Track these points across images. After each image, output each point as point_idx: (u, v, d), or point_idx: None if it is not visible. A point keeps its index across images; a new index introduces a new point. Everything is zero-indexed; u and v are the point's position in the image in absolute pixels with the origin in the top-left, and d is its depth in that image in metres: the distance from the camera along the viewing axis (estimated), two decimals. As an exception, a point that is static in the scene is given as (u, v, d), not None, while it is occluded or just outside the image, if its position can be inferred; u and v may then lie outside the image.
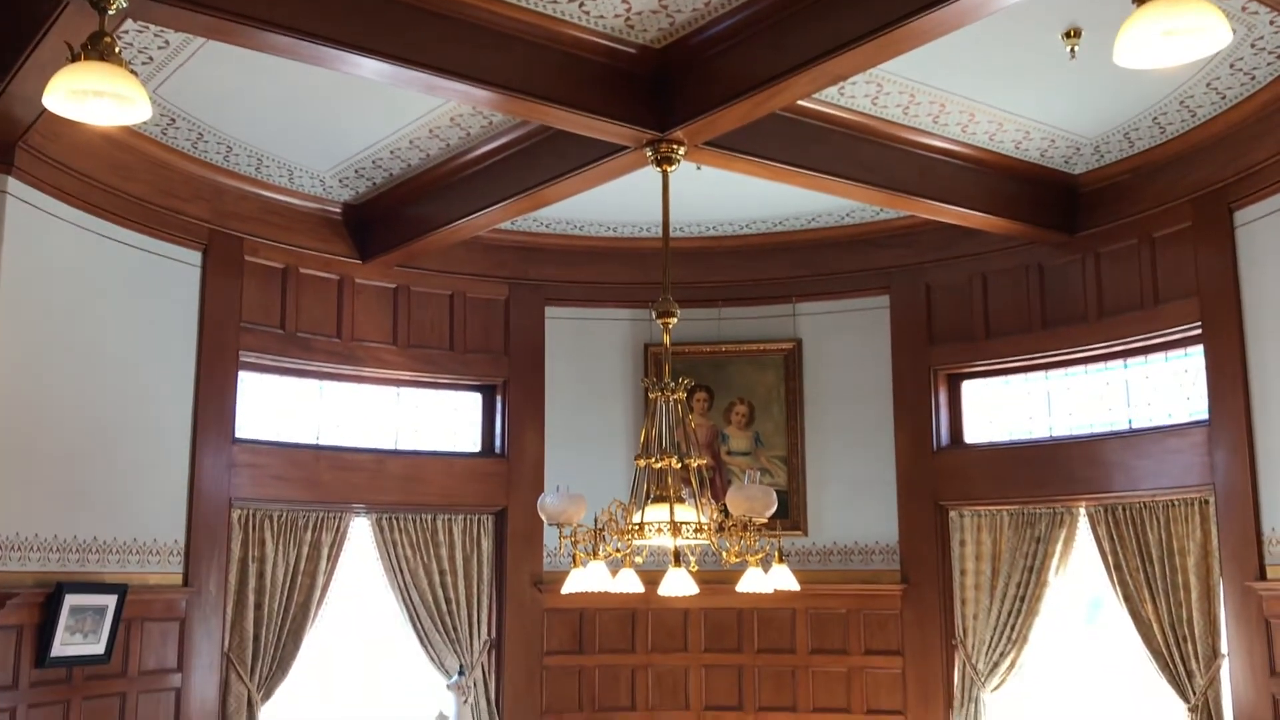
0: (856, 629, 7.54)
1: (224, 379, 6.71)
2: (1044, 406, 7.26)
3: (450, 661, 7.28)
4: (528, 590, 7.63)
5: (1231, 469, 6.04)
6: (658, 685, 7.74)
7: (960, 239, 7.33)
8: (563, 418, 7.90)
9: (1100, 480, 6.70)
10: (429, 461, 7.52)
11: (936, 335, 7.55)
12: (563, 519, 4.86)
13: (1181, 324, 6.41)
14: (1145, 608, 6.43)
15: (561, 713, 7.63)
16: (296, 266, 7.09)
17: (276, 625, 6.74)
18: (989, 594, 7.13)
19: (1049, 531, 6.94)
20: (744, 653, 7.72)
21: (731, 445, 7.94)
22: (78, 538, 5.85)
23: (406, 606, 7.25)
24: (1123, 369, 6.91)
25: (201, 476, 6.52)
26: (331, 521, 7.03)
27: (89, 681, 5.86)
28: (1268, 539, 5.83)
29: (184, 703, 6.34)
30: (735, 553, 4.81)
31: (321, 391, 7.31)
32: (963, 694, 7.11)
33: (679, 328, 5.48)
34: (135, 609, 6.06)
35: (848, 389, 7.79)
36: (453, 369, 7.66)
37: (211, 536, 6.53)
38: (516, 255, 7.82)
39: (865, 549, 7.62)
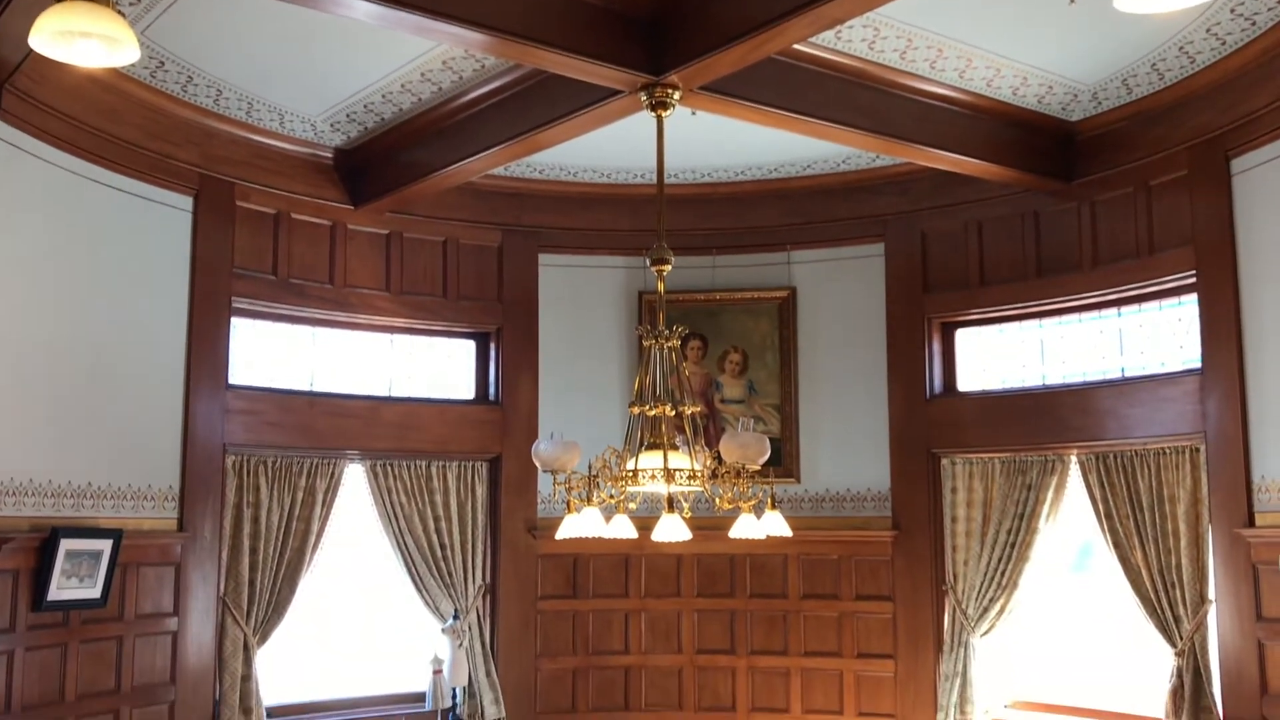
0: (848, 575, 7.61)
1: (216, 325, 6.69)
2: (1037, 355, 7.27)
3: (445, 606, 7.34)
4: (522, 536, 7.68)
5: (1223, 417, 6.07)
6: (651, 629, 7.82)
7: (956, 186, 7.30)
8: (557, 365, 7.90)
9: (1092, 428, 6.73)
10: (423, 409, 7.53)
11: (931, 283, 7.54)
12: (557, 466, 4.88)
13: (1176, 272, 6.41)
14: (1135, 554, 6.49)
15: (555, 656, 7.72)
16: (288, 212, 7.05)
17: (272, 570, 6.78)
18: (979, 541, 7.19)
19: (1040, 479, 6.99)
20: (736, 598, 7.80)
21: (725, 393, 7.96)
22: (72, 483, 5.86)
23: (401, 552, 7.30)
24: (1117, 317, 6.92)
25: (195, 422, 6.53)
26: (326, 468, 7.05)
27: (86, 625, 5.91)
28: (1257, 487, 5.88)
29: (180, 646, 6.39)
30: (728, 499, 4.83)
31: (314, 338, 7.30)
32: (952, 639, 7.19)
33: (673, 276, 5.46)
34: (131, 554, 6.08)
35: (842, 337, 7.79)
36: (446, 316, 7.65)
37: (206, 482, 6.55)
38: (510, 202, 7.77)
39: (857, 496, 7.67)
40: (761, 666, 7.70)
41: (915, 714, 7.29)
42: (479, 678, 7.33)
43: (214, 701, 6.52)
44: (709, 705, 7.71)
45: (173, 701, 6.34)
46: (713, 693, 7.73)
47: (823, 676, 7.57)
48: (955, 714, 7.04)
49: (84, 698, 5.89)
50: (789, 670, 7.64)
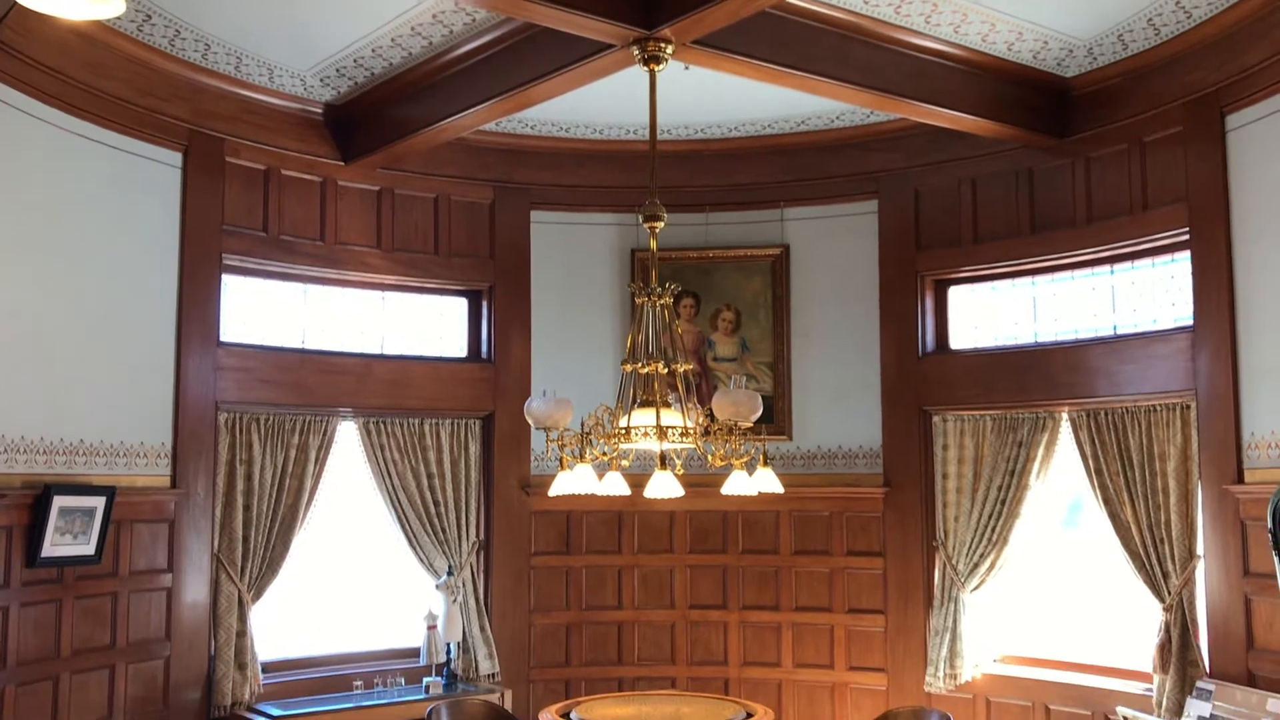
0: (839, 531, 7.66)
1: (207, 282, 6.66)
2: (1029, 312, 7.28)
3: (439, 562, 7.37)
4: (515, 493, 7.70)
5: (1214, 374, 6.09)
6: (643, 585, 7.87)
7: (950, 143, 7.26)
8: (549, 323, 7.89)
9: (1084, 385, 6.75)
10: (415, 366, 7.52)
11: (924, 240, 7.53)
12: (549, 423, 4.89)
13: (1169, 229, 6.40)
14: (1124, 511, 6.53)
15: (549, 611, 7.77)
16: (278, 168, 7.00)
17: (265, 527, 6.80)
18: (970, 497, 7.23)
19: (1031, 436, 7.02)
20: (728, 554, 7.85)
21: (718, 351, 7.96)
22: (65, 440, 5.86)
23: (395, 509, 7.32)
24: (1109, 275, 6.91)
25: (187, 380, 6.52)
26: (318, 425, 7.06)
27: (80, 581, 5.93)
28: (1247, 443, 5.91)
29: (175, 602, 6.43)
30: (721, 456, 4.85)
31: (305, 295, 7.27)
32: (942, 594, 7.25)
33: (666, 233, 5.44)
34: (124, 511, 6.10)
35: (834, 295, 7.79)
36: (437, 273, 7.62)
37: (198, 439, 6.55)
38: (501, 158, 7.73)
39: (849, 453, 7.70)
40: (753, 621, 7.76)
41: (905, 668, 7.37)
42: (473, 633, 7.38)
43: (209, 657, 6.56)
44: (701, 659, 7.79)
45: (168, 657, 6.39)
46: (705, 647, 7.80)
47: (813, 631, 7.64)
48: (945, 668, 7.11)
49: (79, 653, 5.92)
50: (780, 625, 7.71)
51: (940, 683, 7.12)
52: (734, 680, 7.71)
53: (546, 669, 7.72)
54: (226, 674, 6.53)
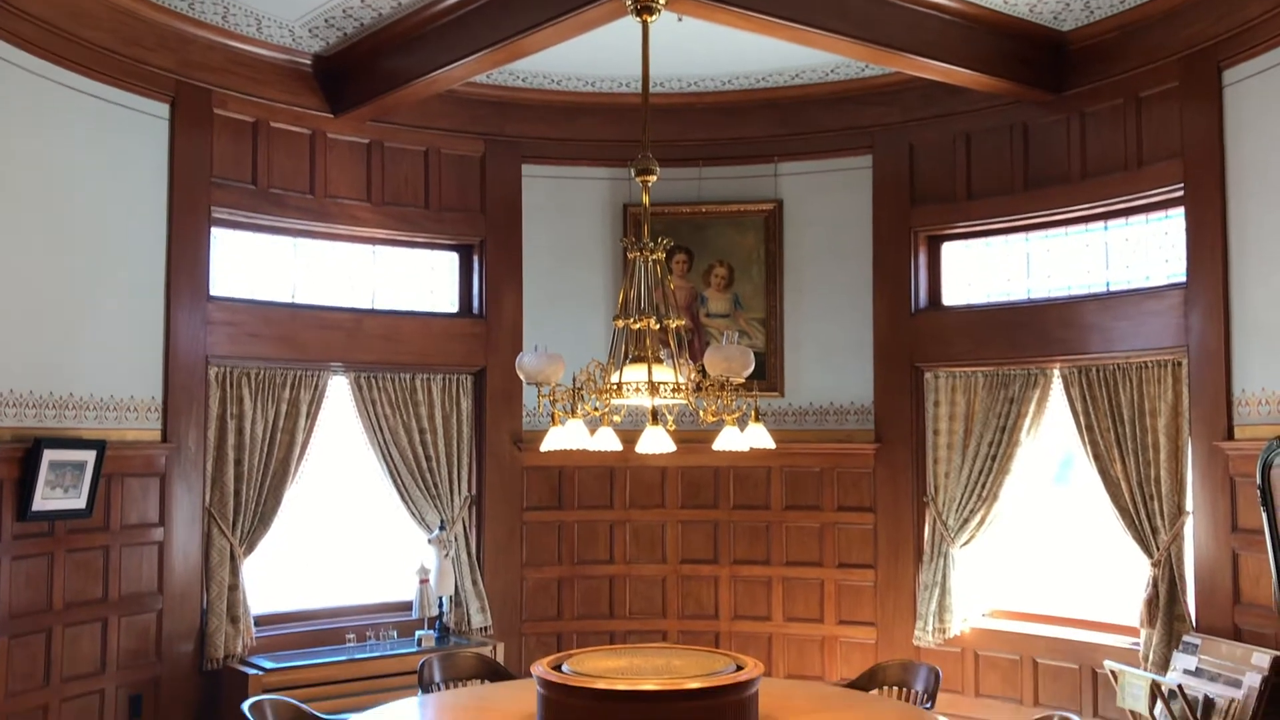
0: (830, 486, 7.69)
1: (196, 235, 6.61)
2: (1023, 269, 7.26)
3: (431, 517, 7.39)
4: (507, 448, 7.71)
5: (1206, 331, 6.09)
6: (635, 540, 7.91)
7: (945, 97, 7.21)
8: (541, 278, 7.86)
9: (1076, 342, 6.75)
10: (406, 321, 7.49)
11: (918, 196, 7.50)
12: (541, 378, 4.86)
13: (1164, 186, 6.38)
14: (1114, 467, 6.56)
15: (541, 566, 7.81)
16: (267, 120, 6.93)
17: (257, 481, 6.80)
18: (961, 453, 7.25)
19: (1022, 392, 7.03)
20: (719, 509, 7.88)
21: (710, 308, 7.94)
22: (54, 394, 5.83)
23: (387, 464, 7.33)
24: (1103, 231, 6.89)
25: (177, 333, 6.49)
26: (309, 380, 7.04)
27: (71, 535, 5.94)
28: (1237, 400, 5.92)
29: (167, 556, 6.44)
30: (712, 412, 4.84)
31: (296, 249, 7.23)
32: (932, 549, 7.29)
33: (658, 188, 5.40)
34: (115, 464, 6.09)
35: (828, 251, 7.76)
36: (428, 228, 7.57)
37: (189, 393, 6.53)
38: (492, 110, 7.65)
39: (840, 409, 7.71)
40: (744, 576, 7.81)
41: (895, 622, 7.43)
42: (465, 587, 7.41)
43: (201, 610, 6.59)
44: (692, 613, 7.84)
45: (160, 610, 6.41)
46: (696, 601, 7.85)
47: (804, 585, 7.69)
48: (934, 622, 7.17)
49: (72, 606, 5.94)
50: (771, 579, 7.76)
51: (929, 637, 7.18)
52: (724, 634, 7.76)
53: (538, 623, 7.77)
54: (219, 627, 6.55)
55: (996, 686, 7.11)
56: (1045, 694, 6.87)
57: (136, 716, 6.28)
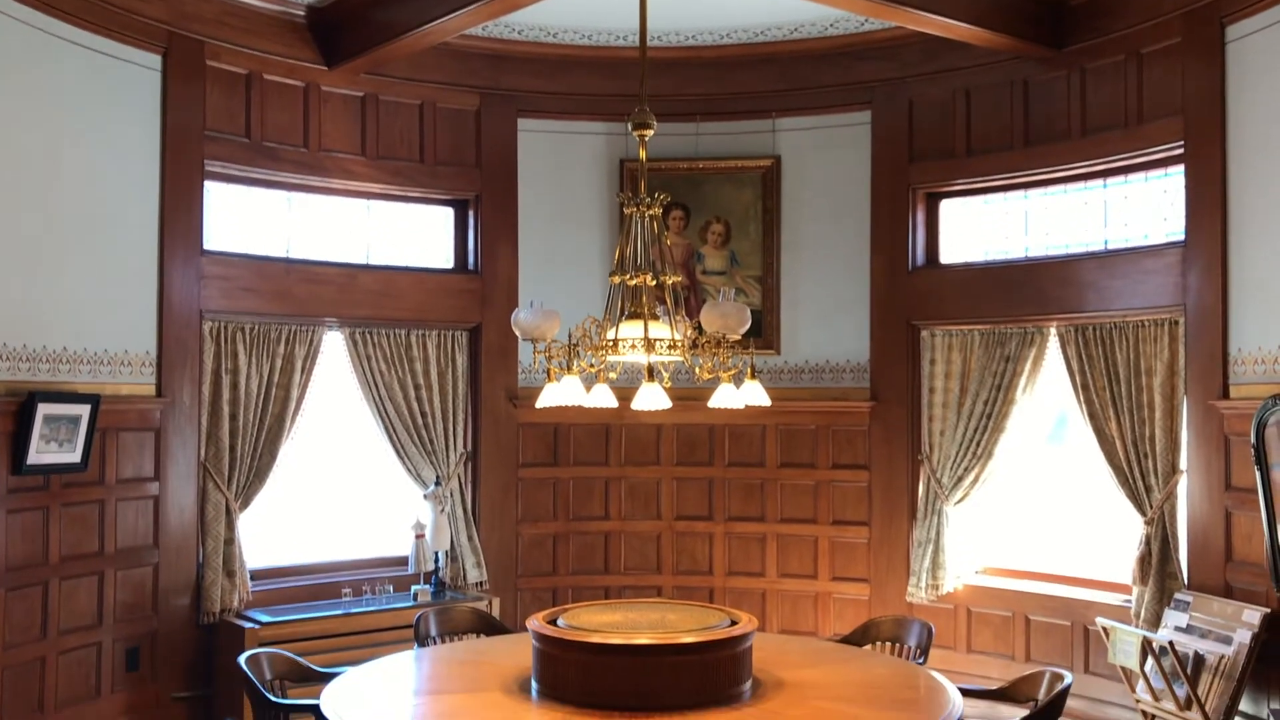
0: (825, 444, 7.70)
1: (189, 189, 6.56)
2: (1021, 226, 7.23)
3: (427, 473, 7.40)
4: (503, 405, 7.71)
5: (1203, 290, 6.08)
6: (630, 496, 7.93)
7: (945, 52, 7.14)
8: (536, 234, 7.82)
9: (1073, 300, 6.74)
10: (401, 277, 7.46)
11: (917, 153, 7.45)
12: (536, 334, 4.84)
13: (1164, 143, 6.34)
14: (1109, 426, 6.57)
15: (536, 522, 7.83)
16: (260, 73, 6.85)
17: (252, 436, 6.79)
18: (956, 411, 7.26)
19: (1019, 351, 7.02)
20: (714, 466, 7.89)
21: (707, 265, 7.91)
22: (47, 347, 5.81)
23: (382, 420, 7.32)
24: (1102, 189, 6.86)
25: (170, 288, 6.46)
26: (304, 335, 7.02)
27: (67, 489, 5.94)
28: (1233, 359, 5.92)
29: (163, 510, 6.45)
30: (708, 369, 4.83)
31: (290, 203, 7.18)
32: (926, 506, 7.31)
33: (655, 143, 5.35)
34: (110, 419, 6.08)
35: (825, 208, 7.72)
36: (423, 182, 7.52)
37: (183, 348, 6.51)
38: (488, 63, 7.58)
39: (836, 367, 7.70)
40: (738, 532, 7.84)
41: (888, 579, 7.47)
42: (461, 542, 7.44)
43: (197, 564, 6.61)
44: (686, 569, 7.88)
45: (156, 564, 6.43)
46: (690, 557, 7.88)
47: (798, 542, 7.73)
48: (927, 579, 7.21)
49: (68, 559, 5.95)
50: (765, 536, 7.79)
51: (922, 593, 7.22)
52: (719, 589, 7.81)
53: (534, 578, 7.81)
54: (215, 581, 6.57)
55: (989, 643, 7.16)
56: (1037, 650, 6.92)
57: (134, 669, 6.31)
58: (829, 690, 4.59)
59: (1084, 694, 6.55)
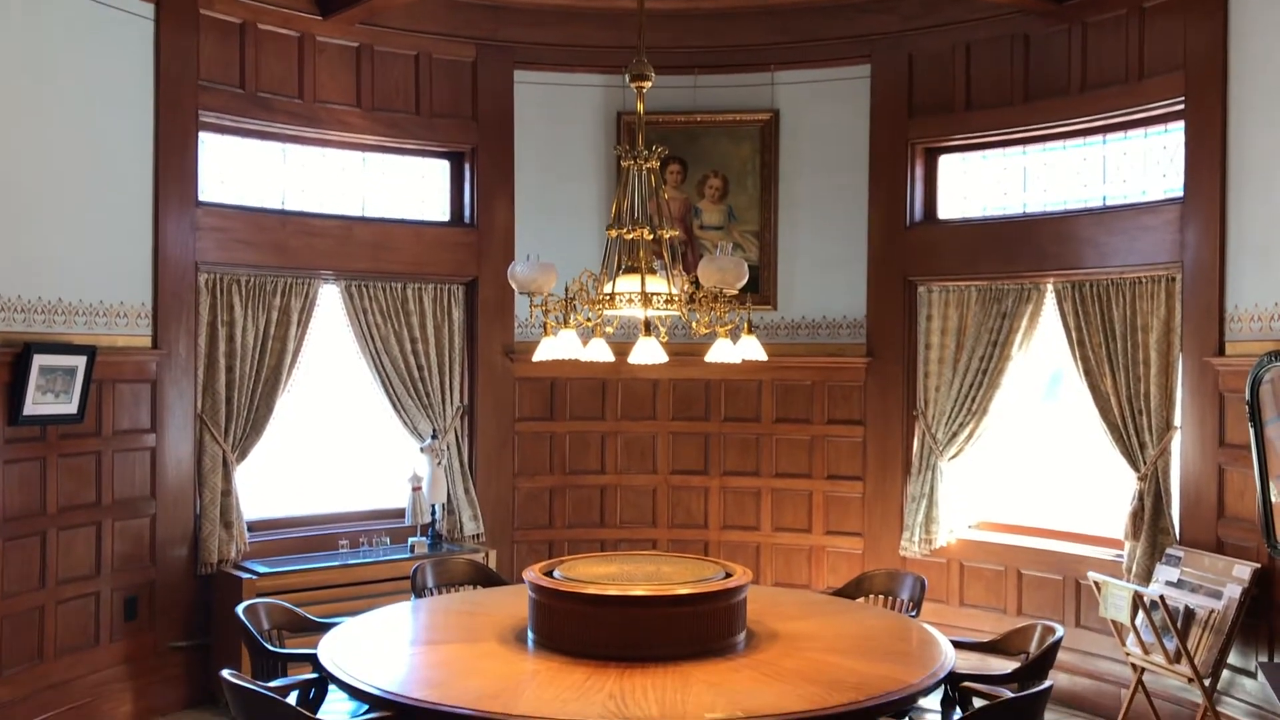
0: (820, 400, 7.72)
1: (184, 140, 6.52)
2: (1019, 182, 7.21)
3: (424, 426, 7.41)
4: (499, 359, 7.71)
5: (1201, 246, 6.07)
6: (626, 451, 7.95)
7: (945, 5, 7.10)
8: (533, 187, 7.78)
9: (1070, 257, 6.73)
10: (397, 229, 7.43)
11: (916, 107, 7.41)
12: (533, 288, 4.83)
13: (1165, 99, 6.30)
14: (1104, 382, 6.58)
15: (533, 475, 7.86)
16: (255, 22, 6.78)
17: (249, 389, 6.80)
18: (952, 368, 7.27)
19: (1015, 307, 7.02)
20: (710, 421, 7.92)
21: (704, 219, 7.88)
22: (43, 299, 5.79)
23: (379, 373, 7.32)
24: (1101, 145, 6.83)
25: (165, 239, 6.43)
26: (300, 287, 7.00)
27: (64, 440, 5.94)
28: (1230, 316, 5.92)
29: (159, 462, 6.46)
30: (705, 324, 4.83)
31: (285, 155, 7.13)
32: (921, 462, 7.34)
33: (653, 96, 5.31)
34: (106, 370, 6.08)
35: (824, 163, 7.69)
36: (419, 134, 7.47)
37: (179, 300, 6.50)
38: (484, 14, 7.50)
39: (833, 323, 7.70)
40: (733, 486, 7.88)
41: (881, 533, 7.52)
42: (458, 495, 7.47)
43: (194, 515, 6.63)
44: (682, 522, 7.92)
45: (153, 515, 6.45)
46: (686, 511, 7.92)
47: (792, 497, 7.77)
48: (920, 533, 7.26)
49: (65, 510, 5.97)
50: (760, 490, 7.83)
51: (915, 547, 7.27)
52: (713, 543, 7.86)
53: (530, 530, 7.85)
54: (212, 532, 6.60)
55: (981, 596, 7.22)
56: (1029, 604, 6.98)
57: (132, 618, 6.36)
58: (822, 642, 4.64)
59: (1075, 647, 6.62)
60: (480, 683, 4.10)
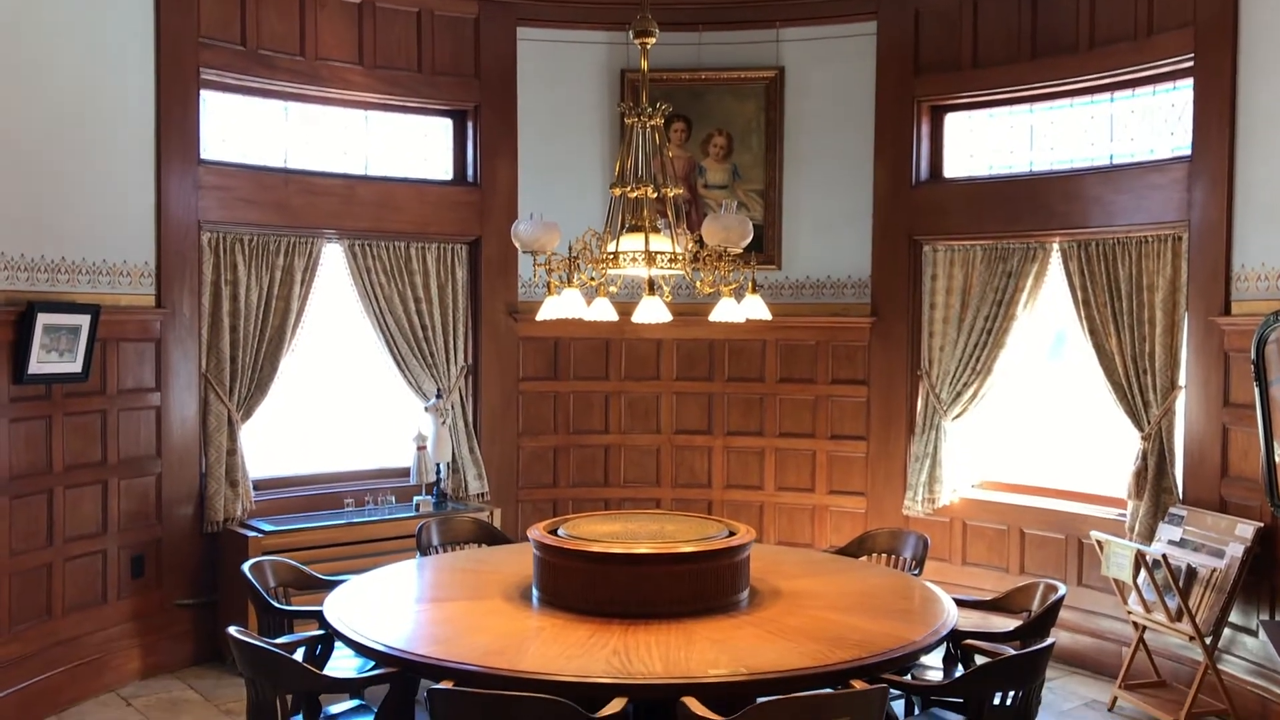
0: (824, 360, 7.71)
1: (185, 97, 6.47)
2: (1026, 140, 7.15)
3: (428, 386, 7.42)
4: (503, 319, 7.70)
5: (1208, 205, 6.03)
6: (630, 410, 7.96)
7: (953, -39, 7.01)
8: (536, 146, 7.74)
9: (1076, 215, 6.69)
10: (400, 188, 7.40)
11: (922, 65, 7.34)
12: (536, 246, 4.82)
13: (1174, 56, 6.23)
14: (1109, 341, 6.57)
15: (537, 434, 7.88)
16: (255, -22, 6.73)
17: (253, 348, 6.80)
18: (956, 327, 7.26)
19: (1021, 266, 6.99)
20: (714, 381, 7.92)
21: (708, 178, 7.84)
22: (45, 257, 5.78)
23: (382, 333, 7.32)
24: (1109, 103, 6.77)
25: (168, 198, 6.40)
26: (303, 247, 6.98)
27: (69, 399, 5.95)
28: (1236, 275, 5.89)
29: (165, 421, 6.48)
30: (709, 283, 4.81)
31: (287, 113, 7.09)
32: (925, 421, 7.35)
33: (657, 53, 5.27)
34: (110, 329, 6.08)
35: (829, 121, 7.63)
36: (421, 92, 7.42)
37: (182, 259, 6.49)
38: (487, -30, 7.44)
39: (837, 283, 7.68)
40: (737, 446, 7.89)
41: (884, 492, 7.54)
42: (462, 454, 7.49)
43: (200, 474, 6.66)
44: (685, 482, 7.94)
45: (159, 474, 6.47)
46: (689, 470, 7.94)
47: (796, 456, 7.78)
48: (924, 493, 7.27)
49: (71, 469, 5.99)
50: (763, 450, 7.84)
51: (919, 506, 7.29)
52: (717, 502, 7.88)
53: (534, 490, 7.88)
54: (218, 491, 6.63)
55: (983, 555, 7.25)
56: (1031, 563, 7.01)
57: (139, 576, 6.40)
58: (825, 600, 4.66)
59: (1077, 605, 6.65)
60: (485, 639, 4.13)
